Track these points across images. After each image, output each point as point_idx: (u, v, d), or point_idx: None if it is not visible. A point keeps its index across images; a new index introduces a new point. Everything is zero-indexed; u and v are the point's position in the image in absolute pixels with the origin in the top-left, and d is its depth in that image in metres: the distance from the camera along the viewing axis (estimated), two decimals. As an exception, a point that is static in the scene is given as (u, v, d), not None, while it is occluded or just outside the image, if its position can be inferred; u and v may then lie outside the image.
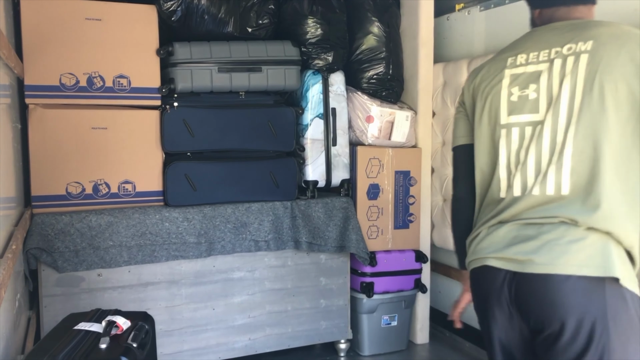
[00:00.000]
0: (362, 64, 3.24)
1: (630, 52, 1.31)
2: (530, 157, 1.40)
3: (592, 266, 1.29)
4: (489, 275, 1.43)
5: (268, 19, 2.97)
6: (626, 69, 1.31)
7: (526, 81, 1.42)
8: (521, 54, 1.47)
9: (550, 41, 1.42)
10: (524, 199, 1.40)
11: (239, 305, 2.94)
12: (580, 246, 1.30)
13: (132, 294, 2.71)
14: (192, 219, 2.78)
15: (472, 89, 1.55)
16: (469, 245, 1.53)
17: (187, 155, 2.86)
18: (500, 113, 1.45)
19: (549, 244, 1.32)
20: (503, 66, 1.48)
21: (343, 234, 3.06)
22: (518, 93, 1.43)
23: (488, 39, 3.15)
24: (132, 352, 1.54)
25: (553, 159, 1.36)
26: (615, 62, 1.32)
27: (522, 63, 1.45)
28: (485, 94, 1.49)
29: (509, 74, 1.46)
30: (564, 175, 1.35)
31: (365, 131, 3.17)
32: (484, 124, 1.49)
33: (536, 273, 1.32)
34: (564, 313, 1.29)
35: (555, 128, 1.36)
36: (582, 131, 1.33)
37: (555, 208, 1.35)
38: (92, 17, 2.65)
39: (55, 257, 2.52)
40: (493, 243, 1.43)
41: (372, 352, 3.26)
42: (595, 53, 1.34)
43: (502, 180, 1.46)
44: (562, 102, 1.36)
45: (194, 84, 2.82)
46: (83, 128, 2.65)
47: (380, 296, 3.21)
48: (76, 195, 2.66)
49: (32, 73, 2.56)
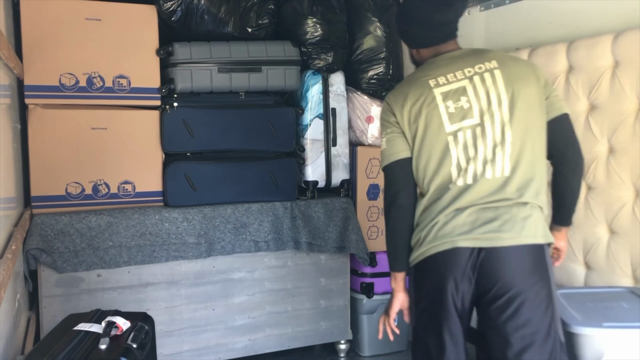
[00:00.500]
0: (362, 64, 3.24)
1: (527, 66, 1.78)
2: (480, 151, 1.71)
3: (540, 236, 1.68)
4: (457, 254, 1.68)
5: (268, 19, 2.97)
6: (530, 79, 1.73)
7: (456, 95, 1.74)
8: (439, 77, 1.77)
9: (459, 64, 1.77)
10: (477, 185, 1.69)
11: (238, 305, 2.94)
12: (531, 221, 1.67)
13: (132, 294, 2.70)
14: (192, 219, 2.77)
15: (410, 111, 1.78)
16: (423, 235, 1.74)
17: (187, 156, 2.86)
18: (444, 123, 1.74)
19: (509, 222, 1.65)
20: (429, 87, 1.76)
21: (343, 235, 3.05)
22: (453, 105, 1.73)
23: (488, 39, 3.14)
24: (132, 353, 1.54)
25: (497, 149, 1.70)
26: (522, 74, 1.74)
27: (444, 83, 1.76)
28: (425, 112, 1.75)
29: (439, 92, 1.75)
30: (507, 162, 1.69)
31: (365, 131, 3.17)
32: (431, 136, 1.75)
33: (505, 246, 1.64)
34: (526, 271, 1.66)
35: (494, 127, 1.70)
36: (514, 127, 1.69)
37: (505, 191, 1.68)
38: (91, 17, 2.64)
39: (54, 258, 2.52)
40: (457, 227, 1.69)
41: (372, 353, 3.26)
42: (504, 68, 1.73)
43: (453, 175, 1.73)
44: (494, 107, 1.71)
45: (194, 84, 2.81)
46: (83, 128, 2.65)
47: (380, 297, 3.21)
48: (76, 196, 2.65)
49: (32, 73, 2.56)
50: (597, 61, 2.38)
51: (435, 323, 1.75)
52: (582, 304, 1.91)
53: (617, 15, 2.40)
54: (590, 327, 1.74)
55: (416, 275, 1.80)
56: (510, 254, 1.65)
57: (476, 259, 1.67)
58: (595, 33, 2.44)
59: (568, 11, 2.64)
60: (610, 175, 2.35)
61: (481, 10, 3.18)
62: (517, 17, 2.94)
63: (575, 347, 1.75)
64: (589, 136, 2.43)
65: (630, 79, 2.27)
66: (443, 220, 1.71)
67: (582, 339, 1.73)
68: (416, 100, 1.77)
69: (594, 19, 2.51)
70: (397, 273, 1.85)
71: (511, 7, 2.98)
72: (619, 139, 2.32)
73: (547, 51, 2.62)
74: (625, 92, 2.29)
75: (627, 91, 2.28)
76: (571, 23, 2.62)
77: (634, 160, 2.26)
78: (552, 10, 2.72)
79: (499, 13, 3.07)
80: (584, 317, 1.80)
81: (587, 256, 2.46)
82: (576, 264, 2.51)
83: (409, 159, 1.80)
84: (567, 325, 1.75)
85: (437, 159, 1.75)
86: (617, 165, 2.32)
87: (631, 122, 2.27)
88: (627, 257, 2.30)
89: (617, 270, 2.33)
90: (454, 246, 1.68)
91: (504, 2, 3.03)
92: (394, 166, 1.81)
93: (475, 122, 1.72)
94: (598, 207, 2.40)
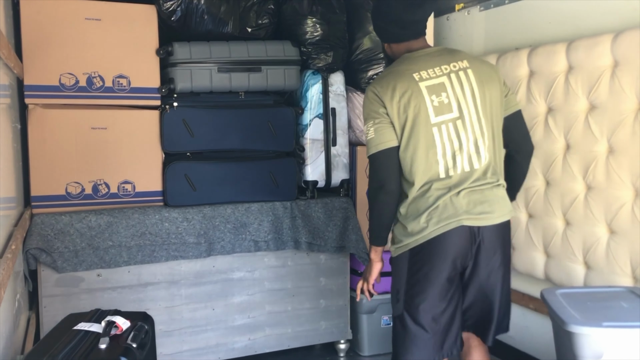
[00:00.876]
0: (362, 64, 3.24)
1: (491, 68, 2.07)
2: (464, 143, 1.95)
3: (511, 212, 2.04)
4: (463, 233, 1.93)
5: (268, 19, 2.97)
6: (494, 79, 2.01)
7: (438, 90, 1.94)
8: (421, 71, 1.95)
9: (435, 61, 1.98)
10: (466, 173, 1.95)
11: (238, 305, 2.94)
12: (505, 200, 2.02)
13: (132, 294, 2.71)
14: (192, 219, 2.78)
15: (399, 102, 1.93)
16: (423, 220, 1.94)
17: (187, 156, 2.86)
18: (430, 115, 1.93)
19: (494, 203, 1.96)
20: (415, 81, 1.94)
21: (343, 234, 3.05)
22: (436, 99, 1.93)
23: (488, 39, 3.14)
24: (132, 353, 1.54)
25: (478, 141, 1.96)
26: (489, 75, 2.00)
27: (427, 77, 1.95)
28: (413, 104, 1.93)
29: (424, 86, 1.94)
30: (486, 152, 1.97)
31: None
32: (419, 126, 1.93)
33: (495, 224, 1.96)
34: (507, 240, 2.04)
35: (472, 121, 1.95)
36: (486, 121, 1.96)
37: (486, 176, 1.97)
38: (91, 17, 2.65)
39: (54, 258, 2.52)
40: (459, 208, 1.92)
41: (372, 353, 3.26)
42: (475, 68, 1.98)
43: (440, 164, 1.94)
44: (470, 103, 1.95)
45: (194, 84, 2.82)
46: (83, 128, 2.65)
47: (380, 296, 3.20)
48: (76, 196, 2.66)
49: (32, 73, 2.56)
50: (597, 61, 2.38)
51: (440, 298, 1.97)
52: (582, 304, 1.91)
53: (617, 15, 2.40)
54: (590, 326, 1.74)
55: (412, 259, 1.99)
56: (499, 229, 1.99)
57: (476, 236, 1.94)
58: (595, 33, 2.44)
59: (568, 11, 2.64)
60: (610, 175, 2.35)
61: (481, 10, 3.19)
62: (517, 17, 2.94)
63: (574, 346, 1.75)
64: (589, 136, 2.43)
65: (630, 78, 2.27)
66: (442, 204, 1.93)
67: (582, 339, 1.73)
68: (404, 92, 1.93)
69: (593, 18, 2.51)
70: (378, 247, 2.13)
71: (511, 7, 2.98)
72: (618, 139, 2.32)
73: (546, 51, 2.62)
74: (625, 92, 2.29)
75: (626, 91, 2.28)
76: (571, 23, 2.63)
77: (633, 160, 2.26)
78: (552, 10, 2.72)
79: (498, 13, 3.07)
80: (583, 316, 1.80)
81: (586, 256, 2.46)
82: (576, 263, 2.51)
83: (396, 148, 1.96)
84: (566, 324, 1.75)
85: (424, 148, 1.93)
86: (617, 165, 2.32)
87: (631, 122, 2.27)
88: (626, 257, 2.30)
89: (617, 269, 2.33)
90: (460, 224, 1.92)
91: (503, 2, 3.03)
92: (382, 154, 1.96)
93: (454, 115, 1.95)
94: (597, 206, 2.40)
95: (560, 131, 2.57)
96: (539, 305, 2.76)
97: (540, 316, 2.81)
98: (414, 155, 1.93)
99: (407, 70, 1.96)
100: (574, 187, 2.51)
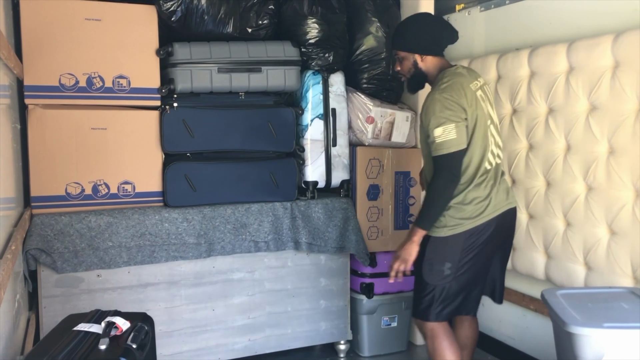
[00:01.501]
0: (362, 64, 3.24)
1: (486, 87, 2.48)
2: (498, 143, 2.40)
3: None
4: (505, 215, 2.36)
5: (268, 19, 2.97)
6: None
7: (483, 99, 2.35)
8: (471, 84, 2.33)
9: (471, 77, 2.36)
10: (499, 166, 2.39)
11: (238, 306, 2.94)
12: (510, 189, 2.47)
13: (132, 294, 2.70)
14: (192, 219, 2.77)
15: (470, 107, 2.28)
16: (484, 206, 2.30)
17: (187, 156, 2.86)
18: (486, 119, 2.34)
19: (509, 190, 2.42)
20: (472, 91, 2.32)
21: (343, 235, 3.05)
22: (484, 107, 2.34)
23: (488, 40, 3.14)
24: (132, 353, 1.54)
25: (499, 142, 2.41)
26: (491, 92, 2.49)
27: (475, 89, 2.33)
28: (478, 109, 2.31)
29: (478, 95, 2.33)
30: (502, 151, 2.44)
31: (365, 132, 3.17)
32: (480, 128, 2.31)
33: (514, 207, 2.43)
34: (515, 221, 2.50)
35: (495, 125, 2.40)
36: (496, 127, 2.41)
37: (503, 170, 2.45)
38: (91, 18, 2.65)
39: (54, 258, 2.52)
40: (502, 196, 2.36)
41: (372, 353, 3.26)
42: (486, 86, 2.42)
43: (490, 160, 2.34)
44: (492, 111, 2.39)
45: (194, 85, 2.81)
46: (82, 128, 2.65)
47: (380, 297, 3.21)
48: (75, 196, 2.65)
49: (32, 73, 2.56)
50: (598, 61, 2.38)
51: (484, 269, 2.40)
52: (582, 304, 1.91)
53: (617, 15, 2.40)
54: (591, 327, 1.73)
55: (468, 240, 2.30)
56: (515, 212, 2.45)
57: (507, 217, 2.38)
58: (596, 33, 2.44)
59: (568, 11, 2.64)
60: (611, 175, 2.35)
61: (481, 11, 3.19)
62: (517, 18, 2.94)
63: (575, 347, 1.75)
64: (589, 137, 2.43)
65: (631, 79, 2.26)
66: (494, 193, 2.33)
67: (582, 339, 1.73)
68: (471, 99, 2.29)
69: (594, 19, 2.51)
70: (424, 231, 2.32)
71: (511, 8, 2.98)
72: (619, 140, 2.32)
73: (547, 51, 2.62)
74: (626, 93, 2.29)
75: (627, 92, 2.28)
76: (571, 23, 2.62)
77: (634, 161, 2.26)
78: (552, 10, 2.72)
79: (499, 13, 3.07)
80: (584, 317, 1.80)
81: (587, 256, 2.46)
82: (576, 264, 2.51)
83: (466, 150, 2.28)
84: (567, 325, 1.75)
85: (481, 147, 2.31)
86: (617, 166, 2.32)
87: (631, 123, 2.27)
88: (627, 258, 2.30)
89: (617, 270, 2.33)
90: (508, 208, 2.37)
91: (504, 3, 3.03)
92: (461, 153, 2.26)
93: (490, 121, 2.36)
94: (598, 207, 2.40)
95: (561, 132, 2.57)
96: (540, 306, 2.76)
97: (540, 317, 2.81)
98: (475, 152, 2.29)
99: (465, 82, 2.31)
100: (575, 187, 2.51)
